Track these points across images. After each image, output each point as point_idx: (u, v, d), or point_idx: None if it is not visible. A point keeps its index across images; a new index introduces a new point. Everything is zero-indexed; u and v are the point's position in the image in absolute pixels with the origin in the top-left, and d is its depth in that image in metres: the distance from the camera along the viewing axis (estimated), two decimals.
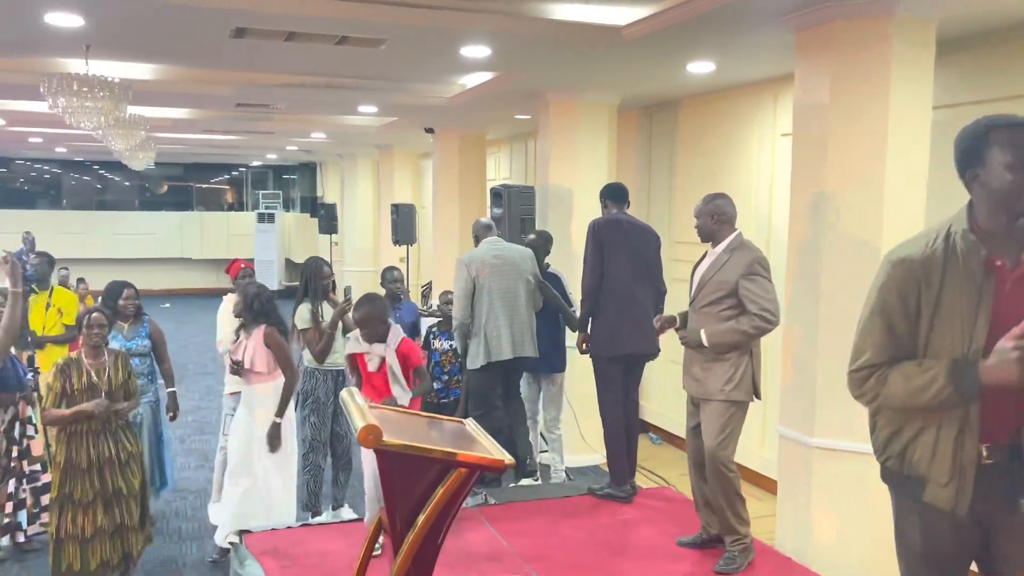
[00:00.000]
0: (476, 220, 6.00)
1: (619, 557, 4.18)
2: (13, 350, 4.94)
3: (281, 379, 4.77)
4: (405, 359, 4.36)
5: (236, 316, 5.06)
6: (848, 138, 4.32)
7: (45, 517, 5.08)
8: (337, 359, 5.30)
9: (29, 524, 5.16)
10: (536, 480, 5.98)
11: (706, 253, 4.23)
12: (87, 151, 16.92)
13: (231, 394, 5.47)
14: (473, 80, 7.21)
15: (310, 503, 5.34)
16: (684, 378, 4.21)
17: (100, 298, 5.63)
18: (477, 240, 5.78)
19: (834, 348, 4.39)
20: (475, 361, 5.33)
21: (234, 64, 6.86)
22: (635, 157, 8.25)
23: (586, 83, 6.77)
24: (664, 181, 7.82)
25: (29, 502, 5.07)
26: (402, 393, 4.29)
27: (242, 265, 5.83)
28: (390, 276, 6.49)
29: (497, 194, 7.14)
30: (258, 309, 4.85)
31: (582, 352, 5.18)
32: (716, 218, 4.13)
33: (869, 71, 4.23)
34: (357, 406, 2.31)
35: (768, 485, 6.09)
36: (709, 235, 4.19)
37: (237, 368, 4.84)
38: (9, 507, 4.99)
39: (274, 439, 4.71)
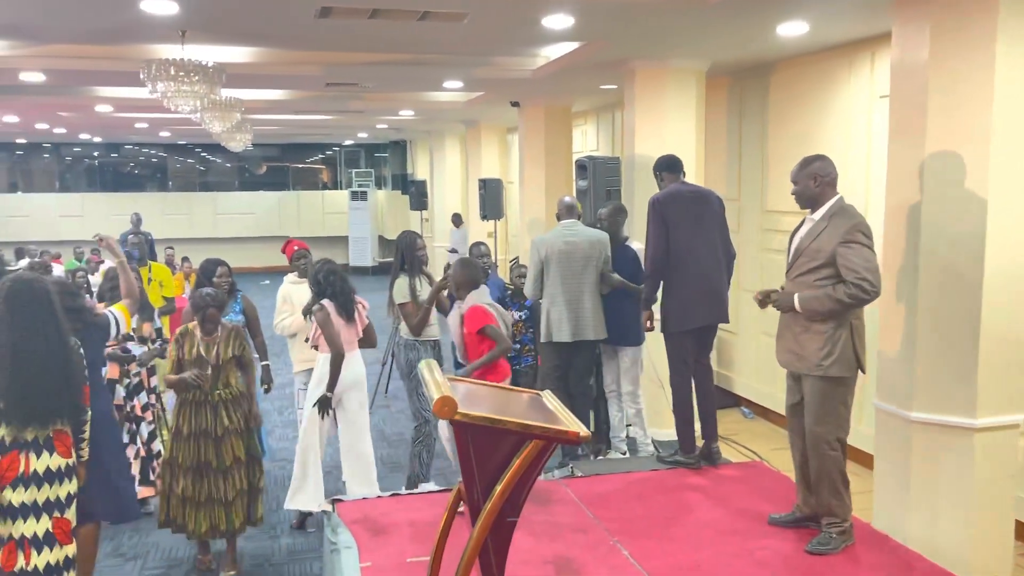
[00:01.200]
0: (560, 198, 6.01)
1: (707, 531, 4.12)
2: (135, 321, 5.24)
3: (354, 353, 5.06)
4: (469, 324, 4.63)
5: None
6: (950, 99, 4.09)
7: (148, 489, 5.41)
8: (432, 331, 5.52)
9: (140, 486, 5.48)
10: (624, 454, 5.97)
11: (804, 220, 4.04)
12: (189, 134, 17.59)
13: (300, 372, 5.77)
14: (557, 51, 7.14)
15: (422, 473, 5.54)
16: (777, 350, 4.07)
17: (196, 276, 5.86)
18: (559, 218, 5.82)
19: (935, 318, 4.21)
20: (542, 337, 5.67)
21: (322, 44, 6.98)
22: (724, 125, 8.04)
23: (672, 50, 6.61)
24: (755, 149, 7.59)
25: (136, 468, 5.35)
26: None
27: (295, 247, 5.94)
28: (476, 251, 6.54)
29: (582, 166, 7.08)
30: (321, 286, 5.00)
31: (647, 330, 5.20)
32: (818, 180, 3.89)
33: (972, 27, 3.99)
34: (434, 379, 2.34)
35: (865, 460, 5.89)
36: (811, 200, 3.94)
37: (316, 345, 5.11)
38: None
39: (321, 409, 5.00)
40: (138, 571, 4.82)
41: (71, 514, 3.61)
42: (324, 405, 4.99)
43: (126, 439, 5.24)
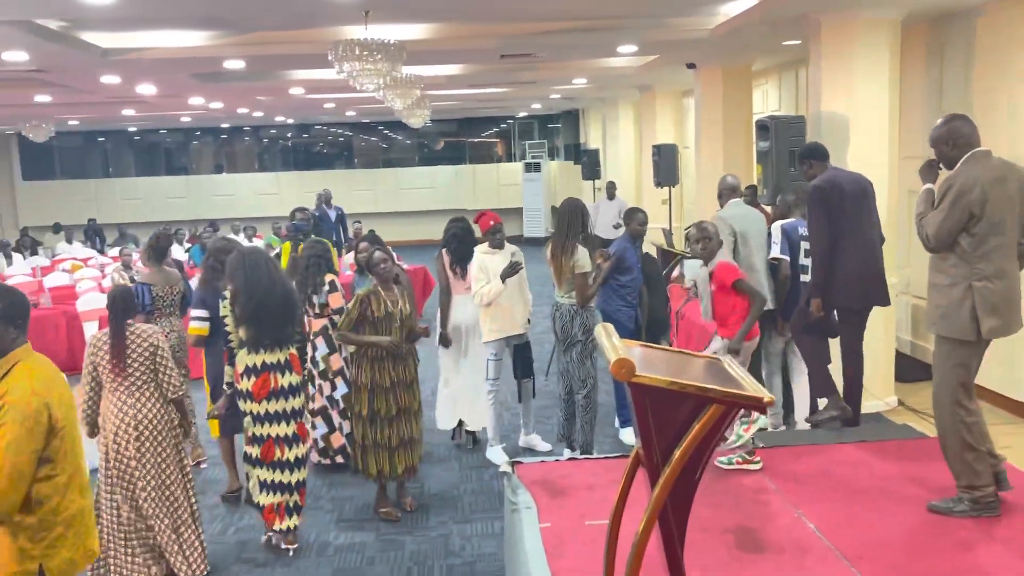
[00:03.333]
0: (723, 178, 5.84)
1: (896, 506, 3.89)
2: None
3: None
4: (719, 279, 4.73)
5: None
6: None
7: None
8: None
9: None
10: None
11: None
12: (372, 113, 18.41)
13: (491, 341, 5.91)
14: (736, 8, 6.87)
15: (586, 443, 5.64)
16: None
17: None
18: (721, 198, 5.80)
19: None
20: None
21: (497, 16, 7.08)
22: (922, 78, 7.44)
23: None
24: (958, 105, 6.96)
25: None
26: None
27: (491, 221, 5.96)
28: (636, 219, 6.21)
29: (763, 127, 6.80)
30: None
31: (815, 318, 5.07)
32: (952, 143, 3.80)
33: None
34: (611, 342, 2.34)
35: None
36: (949, 163, 3.87)
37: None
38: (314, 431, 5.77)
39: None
40: (335, 519, 5.18)
41: (305, 420, 4.77)
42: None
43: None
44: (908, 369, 7.16)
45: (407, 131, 21.43)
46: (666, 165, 10.76)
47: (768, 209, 6.85)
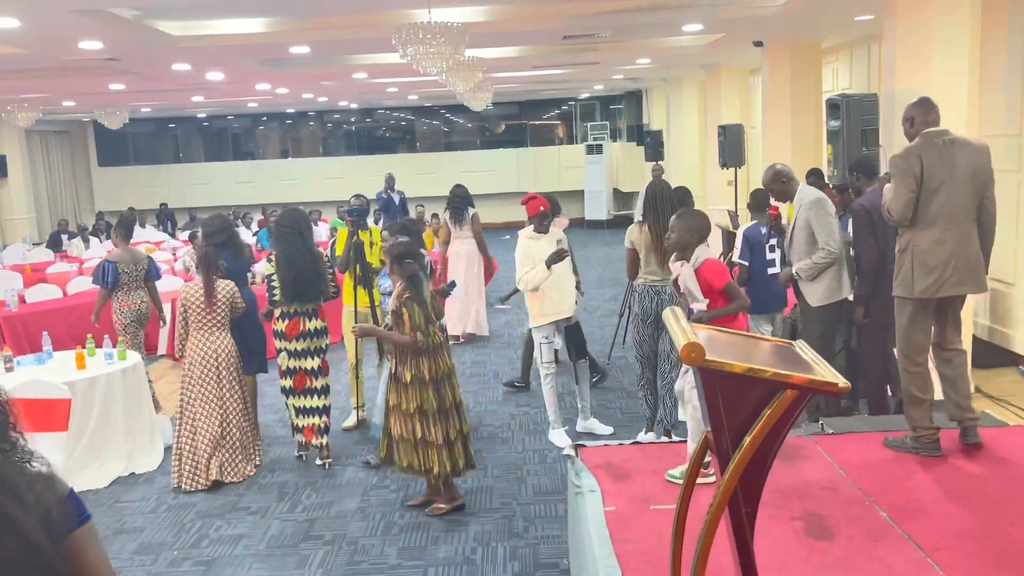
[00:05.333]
0: (770, 167, 5.62)
1: (974, 496, 3.77)
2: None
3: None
4: (704, 280, 4.16)
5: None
6: None
7: None
8: (656, 278, 5.59)
9: None
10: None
11: None
12: (434, 96, 18.47)
13: (539, 326, 5.97)
14: None
15: (648, 421, 5.74)
16: None
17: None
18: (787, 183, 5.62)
19: None
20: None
21: None
22: (1003, 52, 7.13)
23: None
24: None
25: None
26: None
27: (540, 207, 5.93)
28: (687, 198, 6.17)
29: (834, 105, 6.61)
30: None
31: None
32: (910, 122, 4.34)
33: None
34: (680, 325, 2.30)
35: None
36: (909, 140, 4.33)
37: None
38: None
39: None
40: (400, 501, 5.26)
41: (327, 357, 5.89)
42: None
43: None
44: (986, 355, 6.92)
45: (468, 114, 21.45)
46: (731, 145, 10.55)
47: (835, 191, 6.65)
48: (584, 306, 10.48)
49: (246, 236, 12.02)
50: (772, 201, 5.81)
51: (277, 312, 5.76)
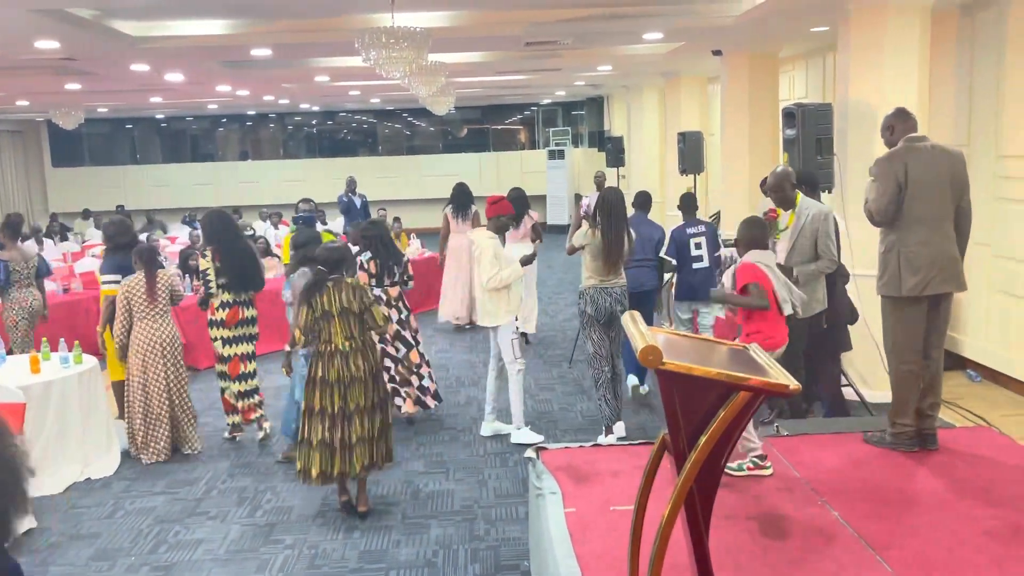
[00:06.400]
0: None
1: (924, 496, 3.89)
2: None
3: None
4: (737, 276, 4.49)
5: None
6: None
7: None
8: (616, 280, 5.96)
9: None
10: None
11: None
12: (397, 100, 18.44)
13: (508, 324, 6.12)
14: None
15: (608, 421, 5.93)
16: None
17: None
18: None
19: None
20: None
21: (522, 3, 7.07)
22: (952, 65, 7.35)
23: None
24: (989, 91, 6.89)
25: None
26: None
27: (498, 214, 6.21)
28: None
29: (789, 114, 6.74)
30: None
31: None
32: (890, 130, 4.55)
33: None
34: (639, 330, 2.36)
35: None
36: (889, 147, 4.54)
37: None
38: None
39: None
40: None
41: (255, 343, 6.37)
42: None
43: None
44: None
45: (431, 118, 21.44)
46: (691, 152, 10.69)
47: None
48: (545, 310, 10.57)
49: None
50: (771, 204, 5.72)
51: (216, 303, 6.17)
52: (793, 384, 2.14)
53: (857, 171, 6.19)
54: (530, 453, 4.51)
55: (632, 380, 7.10)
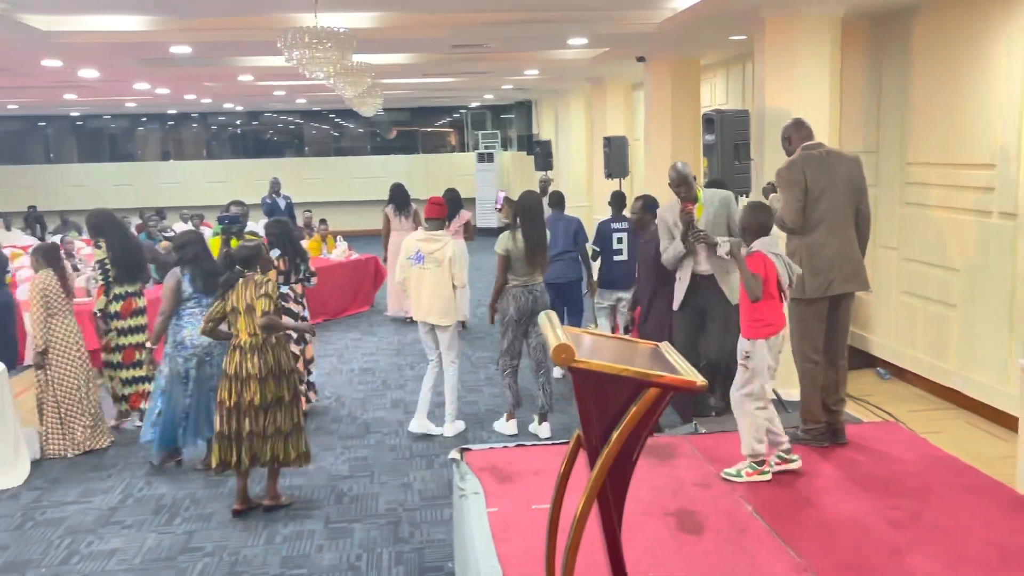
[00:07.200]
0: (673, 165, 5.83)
1: (833, 489, 4.04)
2: None
3: None
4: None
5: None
6: None
7: None
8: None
9: None
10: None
11: None
12: (324, 100, 18.22)
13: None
14: (684, 2, 6.97)
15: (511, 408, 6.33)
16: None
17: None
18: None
19: None
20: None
21: (447, 6, 7.09)
22: (862, 74, 7.64)
23: None
24: (896, 100, 7.19)
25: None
26: None
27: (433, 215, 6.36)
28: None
29: (709, 120, 6.93)
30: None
31: None
32: (788, 139, 4.82)
33: None
34: (553, 331, 2.40)
35: (1010, 423, 5.59)
36: (788, 155, 4.80)
37: None
38: None
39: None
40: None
41: (146, 333, 6.55)
42: None
43: None
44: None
45: (359, 120, 21.27)
46: (616, 157, 10.86)
47: None
48: (474, 312, 10.59)
49: None
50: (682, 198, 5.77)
51: (110, 295, 6.48)
52: (700, 381, 2.20)
53: (774, 176, 6.36)
54: (454, 454, 4.52)
55: None
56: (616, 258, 7.33)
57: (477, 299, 10.87)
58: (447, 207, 6.61)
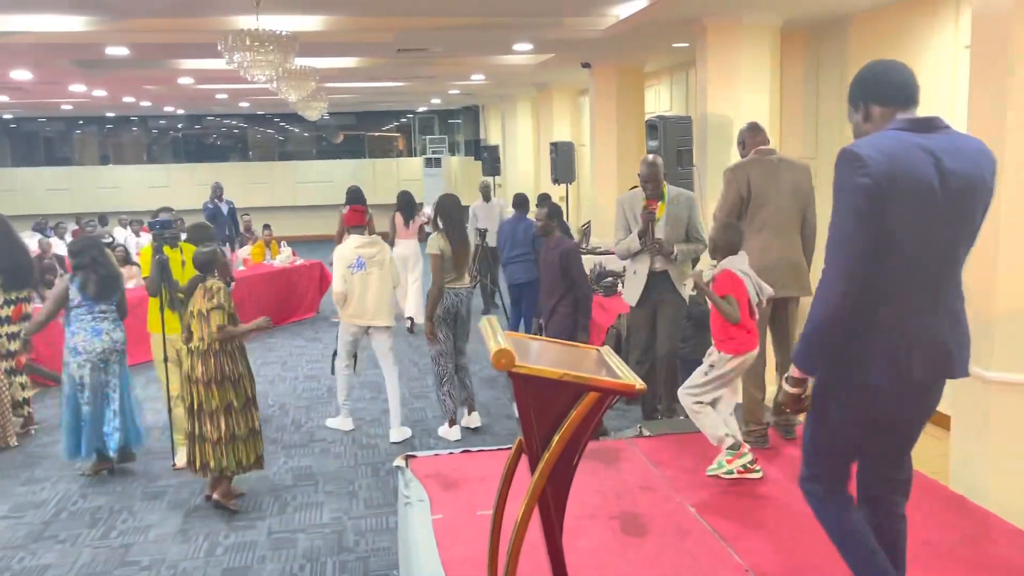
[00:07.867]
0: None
1: (773, 488, 4.11)
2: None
3: None
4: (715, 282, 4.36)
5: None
6: None
7: None
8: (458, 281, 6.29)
9: None
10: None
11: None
12: (267, 104, 17.99)
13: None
14: (628, 10, 7.05)
15: (452, 413, 6.36)
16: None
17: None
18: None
19: (1014, 275, 4.07)
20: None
21: (391, 10, 7.05)
22: (801, 81, 7.81)
23: (746, 4, 6.45)
24: (834, 105, 7.36)
25: None
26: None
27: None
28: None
29: (652, 126, 7.01)
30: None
31: None
32: (741, 144, 4.90)
33: None
34: (494, 336, 2.39)
35: (943, 422, 5.73)
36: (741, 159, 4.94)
37: None
38: None
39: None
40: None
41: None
42: None
43: None
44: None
45: (304, 124, 21.05)
46: (563, 162, 10.92)
47: None
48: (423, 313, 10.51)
49: (60, 248, 11.21)
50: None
51: (0, 300, 6.58)
52: (639, 384, 2.21)
53: (715, 181, 6.47)
54: (399, 461, 4.48)
55: None
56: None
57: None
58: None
